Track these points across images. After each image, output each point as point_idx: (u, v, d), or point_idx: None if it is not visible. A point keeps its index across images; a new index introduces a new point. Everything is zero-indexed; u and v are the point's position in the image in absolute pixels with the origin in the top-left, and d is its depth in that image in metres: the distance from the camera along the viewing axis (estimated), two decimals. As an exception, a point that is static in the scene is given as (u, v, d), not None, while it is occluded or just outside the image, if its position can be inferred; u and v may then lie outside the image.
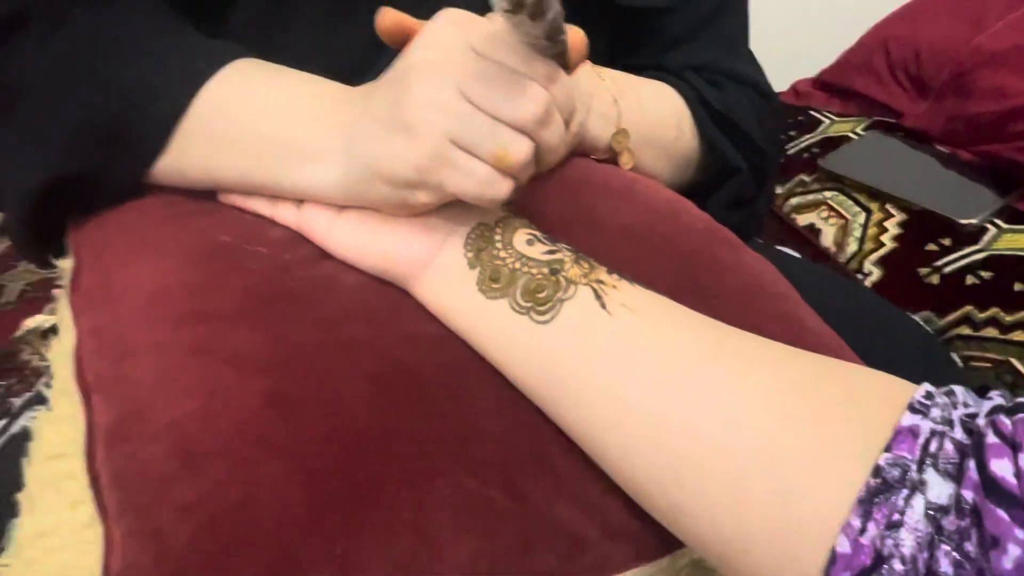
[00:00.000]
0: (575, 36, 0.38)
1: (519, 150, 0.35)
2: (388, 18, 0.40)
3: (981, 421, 0.29)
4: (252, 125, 0.42)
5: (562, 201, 0.48)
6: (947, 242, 0.79)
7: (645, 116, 0.55)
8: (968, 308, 0.72)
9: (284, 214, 0.43)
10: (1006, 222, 0.80)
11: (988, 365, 0.69)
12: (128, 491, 0.33)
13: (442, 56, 0.35)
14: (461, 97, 0.35)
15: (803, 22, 1.38)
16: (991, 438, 0.28)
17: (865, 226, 0.85)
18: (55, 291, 0.88)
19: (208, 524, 0.31)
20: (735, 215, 0.63)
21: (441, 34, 0.36)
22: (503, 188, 0.36)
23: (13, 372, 0.80)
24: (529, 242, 0.38)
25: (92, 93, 0.43)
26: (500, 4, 0.30)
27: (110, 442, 0.34)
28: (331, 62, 0.48)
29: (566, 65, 0.37)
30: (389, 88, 0.37)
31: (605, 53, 0.59)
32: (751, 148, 0.62)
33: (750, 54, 0.68)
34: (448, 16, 0.36)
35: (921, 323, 0.69)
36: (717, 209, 0.60)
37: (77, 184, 0.44)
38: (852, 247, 0.84)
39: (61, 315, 0.45)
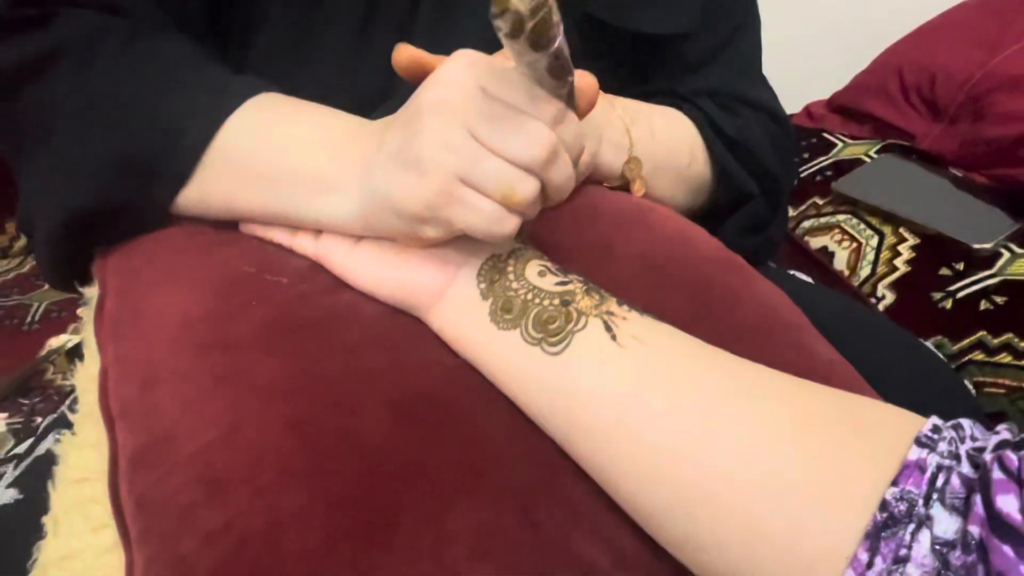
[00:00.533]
0: (586, 80, 0.38)
1: (525, 189, 0.36)
2: (404, 54, 0.41)
3: (988, 456, 0.29)
4: (272, 157, 0.43)
5: (575, 230, 0.48)
6: (960, 266, 0.79)
7: (657, 143, 0.56)
8: (981, 333, 0.72)
9: (303, 244, 0.44)
10: (1020, 246, 0.80)
11: (1002, 391, 0.69)
12: (152, 518, 0.34)
13: (453, 96, 0.36)
14: (470, 137, 0.36)
15: (816, 44, 1.39)
16: (997, 474, 0.28)
17: (878, 250, 0.85)
18: (79, 311, 0.90)
19: (232, 551, 0.32)
20: (749, 241, 0.64)
21: (454, 74, 0.37)
22: (510, 225, 0.37)
23: (37, 391, 0.81)
24: (541, 273, 0.39)
25: (121, 127, 0.44)
26: (500, 27, 0.31)
27: (134, 469, 0.35)
28: (351, 91, 0.49)
29: (575, 107, 0.38)
30: (403, 125, 0.38)
31: (620, 80, 0.60)
32: (764, 174, 0.62)
33: (764, 79, 0.69)
34: (462, 56, 0.37)
35: (933, 349, 0.69)
36: (731, 235, 0.61)
37: (104, 215, 0.45)
38: (865, 271, 0.84)
39: (87, 340, 0.46)
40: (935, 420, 0.32)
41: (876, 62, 1.12)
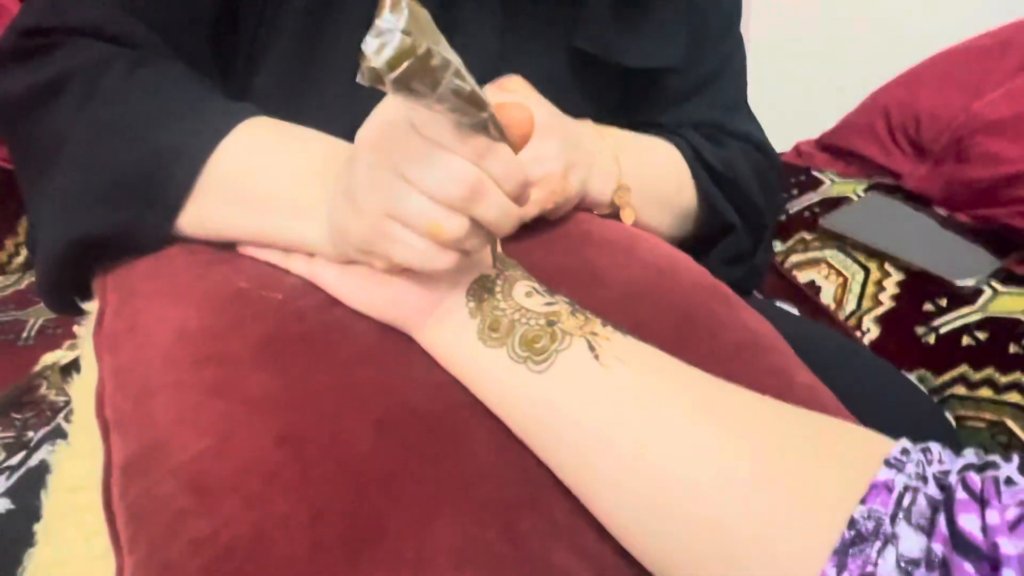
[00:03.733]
0: (515, 114, 0.38)
1: (451, 227, 0.36)
2: None
3: (953, 478, 0.30)
4: (256, 182, 0.45)
5: (564, 255, 0.50)
6: (944, 302, 0.81)
7: (645, 172, 0.58)
8: (963, 368, 0.74)
9: (296, 265, 0.46)
10: (1002, 284, 0.82)
11: (982, 425, 0.70)
12: (142, 524, 0.34)
13: (384, 132, 0.37)
14: (396, 175, 0.36)
15: (806, 85, 1.42)
16: (960, 494, 0.29)
17: (864, 284, 0.87)
18: (75, 328, 0.90)
19: (219, 557, 0.32)
20: (733, 270, 0.65)
21: (387, 111, 0.37)
22: (445, 260, 0.38)
23: (30, 406, 0.82)
24: (528, 294, 0.40)
25: (119, 154, 0.46)
26: (361, 79, 0.30)
27: (127, 476, 0.36)
28: (352, 118, 0.50)
29: (506, 139, 0.37)
30: (348, 161, 0.39)
31: (609, 111, 0.62)
32: (747, 204, 0.64)
33: (750, 112, 0.71)
34: None
35: (916, 383, 0.71)
36: (715, 264, 0.62)
37: (103, 240, 0.46)
38: (851, 305, 0.86)
39: (85, 352, 0.47)
40: (905, 443, 0.33)
41: (864, 104, 1.15)
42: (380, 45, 0.29)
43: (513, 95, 0.50)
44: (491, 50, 0.57)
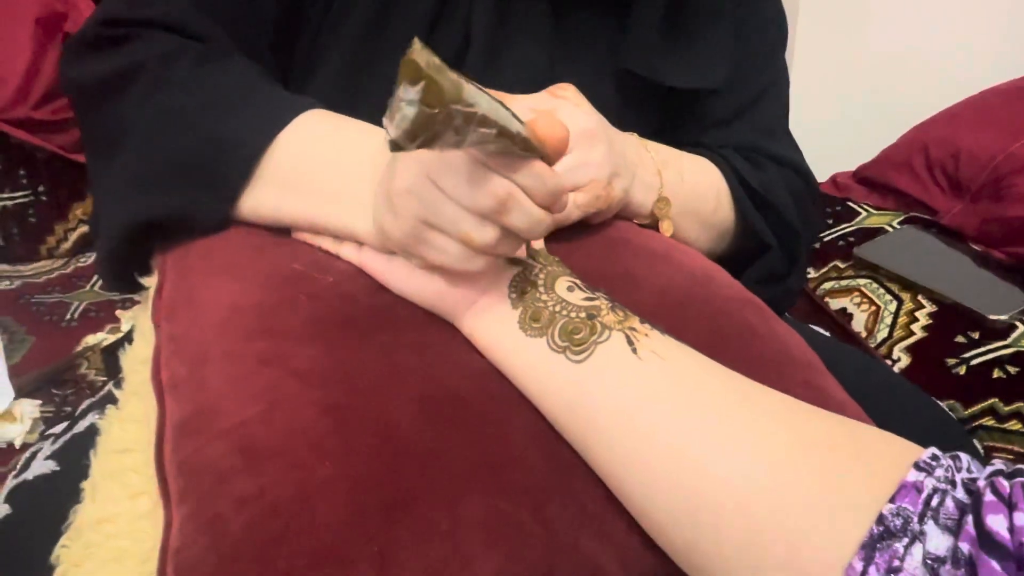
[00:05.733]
0: (554, 126, 0.38)
1: (482, 235, 0.38)
2: None
3: (981, 482, 0.31)
4: (310, 172, 0.47)
5: (604, 258, 0.51)
6: (976, 335, 0.81)
7: (686, 187, 0.59)
8: (993, 400, 0.74)
9: (347, 252, 0.47)
10: (1035, 321, 0.81)
11: (1011, 457, 0.70)
12: (192, 480, 0.36)
13: None
14: (432, 185, 0.38)
15: (845, 117, 1.43)
16: (989, 496, 0.30)
17: (896, 314, 0.87)
18: (117, 312, 0.93)
19: (263, 515, 0.34)
20: (767, 290, 0.66)
21: None
22: (478, 263, 0.40)
23: (70, 384, 0.85)
24: (569, 289, 0.42)
25: (184, 140, 0.48)
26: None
27: (179, 436, 0.38)
28: None
29: (539, 154, 0.38)
30: (389, 167, 0.41)
31: (653, 129, 0.63)
32: (784, 226, 0.65)
33: (790, 137, 0.72)
34: None
35: (946, 409, 0.71)
36: (750, 283, 0.63)
37: (166, 220, 0.49)
38: (882, 333, 0.86)
39: (139, 325, 0.49)
40: (934, 450, 0.34)
41: (903, 138, 1.15)
42: (398, 119, 0.30)
43: (564, 101, 0.51)
44: (540, 68, 0.59)
